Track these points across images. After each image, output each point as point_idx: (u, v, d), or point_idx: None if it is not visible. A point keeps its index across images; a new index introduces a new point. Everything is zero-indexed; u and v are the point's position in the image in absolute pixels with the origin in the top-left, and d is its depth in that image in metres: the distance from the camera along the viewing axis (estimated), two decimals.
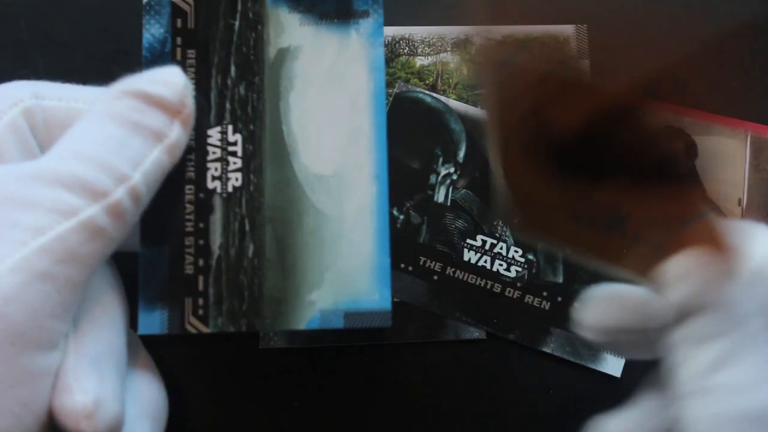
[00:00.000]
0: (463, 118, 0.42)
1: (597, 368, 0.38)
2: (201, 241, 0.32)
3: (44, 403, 0.25)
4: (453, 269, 0.39)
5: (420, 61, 0.43)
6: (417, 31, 0.43)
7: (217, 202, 0.32)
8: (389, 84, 0.43)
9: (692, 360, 0.25)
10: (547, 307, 0.39)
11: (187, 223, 0.32)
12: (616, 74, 0.41)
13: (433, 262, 0.40)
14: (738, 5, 0.43)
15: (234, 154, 0.33)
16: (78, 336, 0.27)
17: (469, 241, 0.40)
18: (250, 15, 0.34)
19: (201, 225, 0.32)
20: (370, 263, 0.32)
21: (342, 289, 0.32)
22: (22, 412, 0.25)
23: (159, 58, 0.33)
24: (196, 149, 0.32)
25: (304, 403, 0.39)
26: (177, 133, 0.30)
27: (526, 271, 0.39)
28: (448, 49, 0.43)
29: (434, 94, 0.42)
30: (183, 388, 0.38)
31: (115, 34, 0.42)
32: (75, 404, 0.25)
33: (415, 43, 0.43)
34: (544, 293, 0.39)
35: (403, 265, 0.39)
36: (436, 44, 0.43)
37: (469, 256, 0.40)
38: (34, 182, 0.26)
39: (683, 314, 0.26)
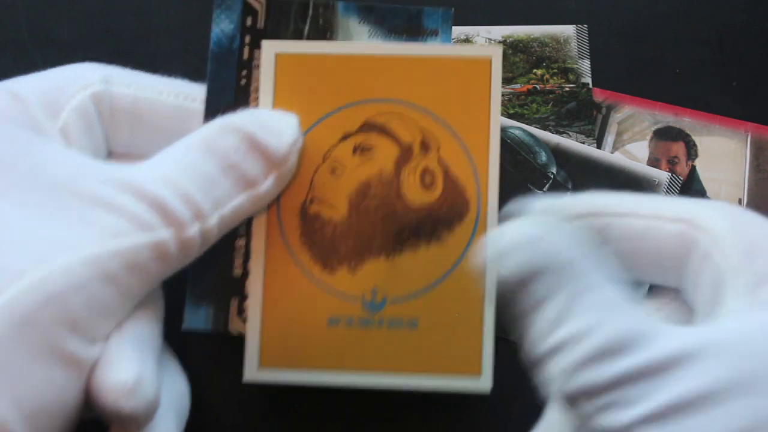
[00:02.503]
0: None
1: None
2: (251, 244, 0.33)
3: (80, 388, 0.26)
4: None
5: None
6: None
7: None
8: None
9: (535, 325, 0.25)
10: None
11: (239, 225, 0.32)
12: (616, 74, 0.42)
13: None
14: (738, 5, 0.43)
15: None
16: (120, 329, 0.28)
17: None
18: (321, 21, 0.34)
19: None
20: None
21: None
22: (66, 386, 0.25)
23: (226, 54, 0.33)
24: None
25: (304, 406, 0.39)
26: (268, 186, 0.30)
27: None
28: None
29: None
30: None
31: (115, 34, 0.42)
32: (116, 380, 0.26)
33: None
34: None
35: None
36: None
37: None
38: (120, 189, 0.27)
39: (517, 287, 0.25)
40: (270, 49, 0.33)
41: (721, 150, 0.42)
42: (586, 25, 0.42)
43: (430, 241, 0.32)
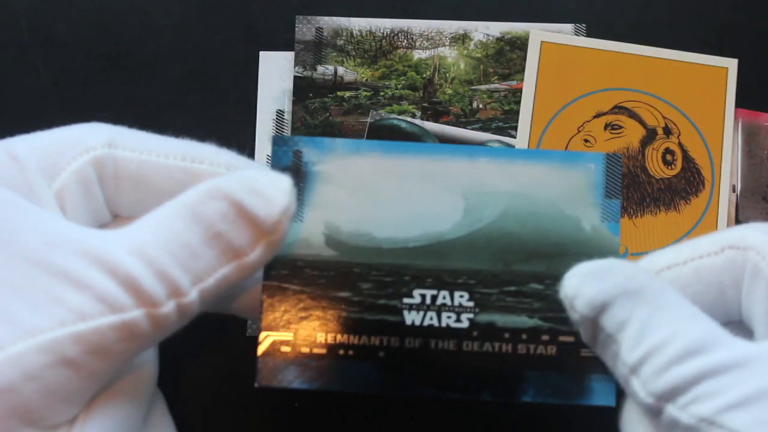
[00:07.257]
0: (441, 139, 0.42)
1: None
2: None
3: None
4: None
5: (417, 55, 0.43)
6: (415, 25, 0.43)
7: None
8: (364, 113, 0.43)
9: (621, 345, 0.27)
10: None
11: None
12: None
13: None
14: (738, 5, 0.43)
15: None
16: (89, 410, 0.26)
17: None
18: None
19: None
20: None
21: None
22: None
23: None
24: None
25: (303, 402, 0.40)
26: (257, 255, 0.27)
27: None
28: (447, 43, 0.43)
29: (409, 119, 0.42)
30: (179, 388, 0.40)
31: (115, 34, 0.42)
32: None
33: (414, 37, 0.43)
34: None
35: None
36: (434, 38, 0.43)
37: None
38: (92, 263, 0.25)
39: (596, 317, 0.27)
40: (536, 37, 0.40)
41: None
42: (584, 25, 0.42)
43: (669, 209, 0.39)
